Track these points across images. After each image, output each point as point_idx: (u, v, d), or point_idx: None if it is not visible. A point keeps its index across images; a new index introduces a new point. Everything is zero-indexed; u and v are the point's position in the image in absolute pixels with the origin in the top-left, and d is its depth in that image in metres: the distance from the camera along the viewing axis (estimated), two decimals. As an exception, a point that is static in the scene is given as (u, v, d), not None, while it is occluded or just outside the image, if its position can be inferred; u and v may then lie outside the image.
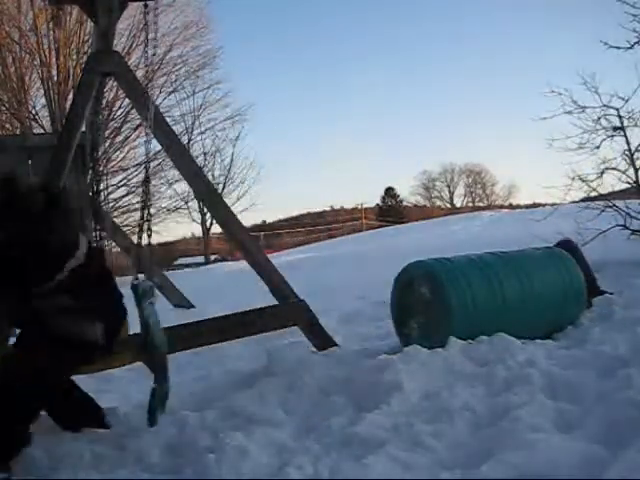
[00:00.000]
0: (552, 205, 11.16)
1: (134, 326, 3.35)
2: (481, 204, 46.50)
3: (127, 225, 21.16)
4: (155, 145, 4.85)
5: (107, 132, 18.96)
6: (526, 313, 4.32)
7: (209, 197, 4.95)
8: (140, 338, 3.33)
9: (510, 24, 57.13)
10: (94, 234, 7.31)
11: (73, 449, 3.00)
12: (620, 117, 8.72)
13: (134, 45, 20.65)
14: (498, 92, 62.42)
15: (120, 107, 20.86)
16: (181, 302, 9.99)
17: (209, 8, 24.44)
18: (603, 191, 9.06)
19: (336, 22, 60.70)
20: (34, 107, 20.85)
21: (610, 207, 8.64)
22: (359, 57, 62.13)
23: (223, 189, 28.68)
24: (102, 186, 7.49)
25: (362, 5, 59.56)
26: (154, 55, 4.74)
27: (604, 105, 8.72)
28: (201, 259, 31.48)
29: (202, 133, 27.38)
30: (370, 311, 6.73)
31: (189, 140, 25.69)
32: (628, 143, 8.81)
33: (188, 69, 24.18)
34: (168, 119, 4.73)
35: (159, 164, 20.67)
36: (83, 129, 5.02)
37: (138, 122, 19.83)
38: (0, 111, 20.33)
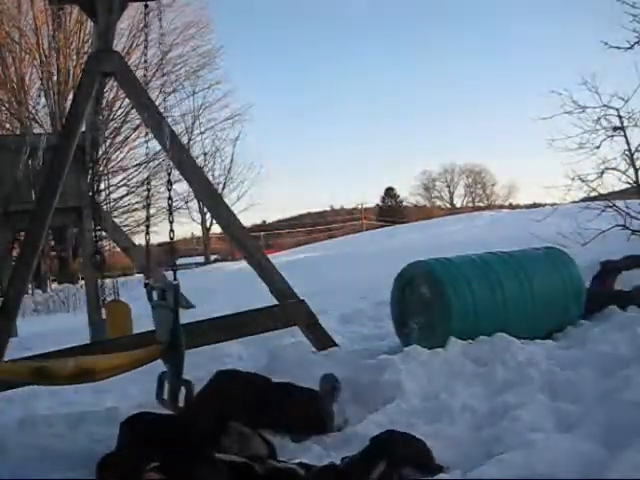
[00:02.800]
0: (552, 205, 11.18)
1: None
2: (481, 204, 46.41)
3: (127, 225, 21.24)
4: (155, 145, 4.86)
5: (107, 132, 18.98)
6: (526, 313, 4.31)
7: (209, 197, 4.96)
8: (167, 335, 3.21)
9: (510, 24, 57.13)
10: (94, 234, 7.33)
11: (74, 450, 3.01)
12: (620, 117, 8.74)
13: (134, 45, 20.71)
14: (498, 92, 62.39)
15: (120, 107, 20.91)
16: (181, 302, 9.98)
17: (209, 8, 24.49)
18: (603, 191, 9.08)
19: (336, 23, 60.73)
20: (34, 107, 20.87)
21: (610, 207, 8.64)
22: (359, 57, 62.11)
23: (223, 189, 28.65)
24: (102, 186, 7.51)
25: (362, 6, 59.57)
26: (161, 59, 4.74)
27: (604, 105, 8.74)
28: (201, 259, 31.45)
29: (202, 133, 27.42)
30: (370, 311, 6.72)
31: (189, 140, 25.69)
32: (628, 143, 8.83)
33: (188, 69, 24.24)
34: (168, 119, 4.73)
35: (159, 164, 20.69)
36: (83, 129, 5.02)
37: (138, 122, 19.88)
38: (0, 111, 20.36)
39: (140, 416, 2.72)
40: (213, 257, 32.73)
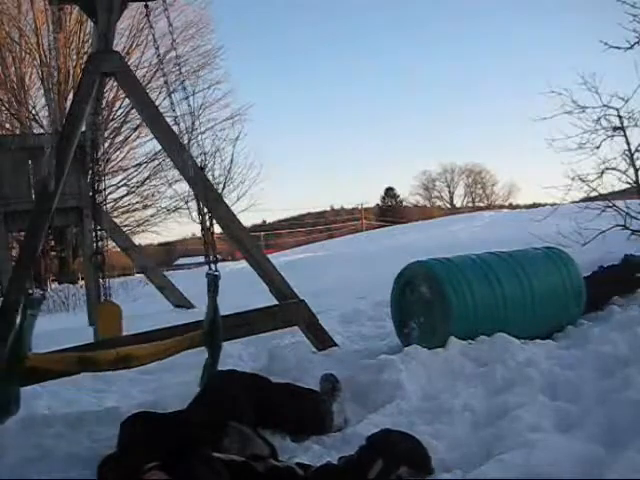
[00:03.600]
0: (552, 205, 11.16)
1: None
2: (481, 204, 46.47)
3: (127, 225, 21.22)
4: (155, 145, 4.86)
5: (107, 132, 18.96)
6: (526, 313, 4.32)
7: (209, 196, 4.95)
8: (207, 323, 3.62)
9: (510, 24, 57.19)
10: (94, 234, 7.34)
11: (74, 450, 3.01)
12: (620, 117, 8.71)
13: (134, 45, 20.68)
14: (498, 92, 62.47)
15: (120, 107, 20.88)
16: (181, 302, 10.01)
17: (209, 8, 24.45)
18: (603, 191, 9.05)
19: (336, 24, 60.78)
20: (34, 107, 20.85)
21: (610, 207, 8.62)
22: (360, 57, 62.19)
23: (223, 189, 28.60)
24: (102, 186, 7.51)
25: (362, 7, 59.60)
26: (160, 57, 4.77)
27: (604, 105, 8.71)
28: (201, 259, 31.45)
29: (202, 133, 27.36)
30: (370, 311, 6.72)
31: (189, 140, 25.63)
32: (628, 143, 8.81)
33: (188, 69, 24.21)
34: (168, 119, 4.73)
35: (159, 164, 20.69)
36: (83, 129, 5.01)
37: (138, 122, 19.85)
38: (0, 111, 20.34)
39: (140, 416, 2.72)
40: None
